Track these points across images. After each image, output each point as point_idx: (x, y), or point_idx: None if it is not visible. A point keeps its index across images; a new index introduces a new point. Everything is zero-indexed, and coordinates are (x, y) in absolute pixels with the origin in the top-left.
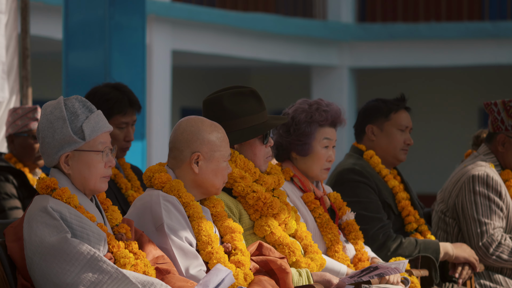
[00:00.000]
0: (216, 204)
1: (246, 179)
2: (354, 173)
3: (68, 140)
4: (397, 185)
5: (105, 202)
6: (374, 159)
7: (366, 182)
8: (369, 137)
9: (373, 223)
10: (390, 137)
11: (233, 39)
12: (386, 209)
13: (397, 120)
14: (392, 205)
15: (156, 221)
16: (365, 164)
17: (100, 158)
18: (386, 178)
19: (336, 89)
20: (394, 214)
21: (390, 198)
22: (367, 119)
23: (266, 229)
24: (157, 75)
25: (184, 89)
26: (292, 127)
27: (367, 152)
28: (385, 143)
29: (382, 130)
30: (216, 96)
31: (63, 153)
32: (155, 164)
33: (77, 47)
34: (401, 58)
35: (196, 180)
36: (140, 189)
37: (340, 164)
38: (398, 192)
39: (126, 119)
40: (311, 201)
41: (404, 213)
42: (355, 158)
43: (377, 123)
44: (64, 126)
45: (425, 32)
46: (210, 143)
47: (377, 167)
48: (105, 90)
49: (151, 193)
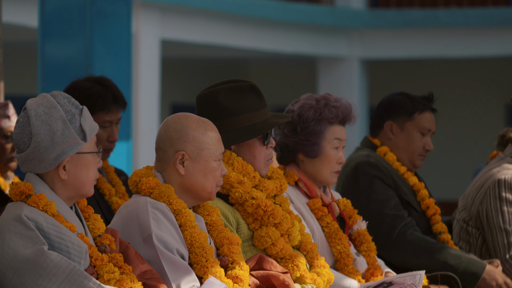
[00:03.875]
0: (211, 212)
1: (244, 184)
2: (370, 166)
3: (72, 143)
4: (417, 182)
5: (86, 210)
6: (388, 156)
7: (382, 177)
8: (386, 134)
9: (395, 222)
10: (410, 139)
11: (229, 27)
12: (405, 207)
13: (421, 122)
14: (413, 202)
15: (144, 231)
16: (379, 157)
17: (96, 159)
18: (405, 175)
19: (345, 83)
20: (416, 212)
21: (411, 195)
22: (388, 114)
23: (267, 240)
24: (145, 67)
25: (175, 83)
26: (299, 126)
27: (380, 148)
28: (403, 144)
29: (402, 130)
30: (210, 91)
31: (65, 157)
32: (142, 167)
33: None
34: (418, 48)
35: (183, 183)
36: (125, 195)
37: (351, 158)
38: (420, 189)
39: (109, 117)
40: (318, 208)
41: (430, 212)
42: (368, 151)
43: (398, 121)
44: (65, 128)
45: (445, 19)
46: (196, 140)
47: (393, 165)
48: (86, 85)
49: (138, 200)
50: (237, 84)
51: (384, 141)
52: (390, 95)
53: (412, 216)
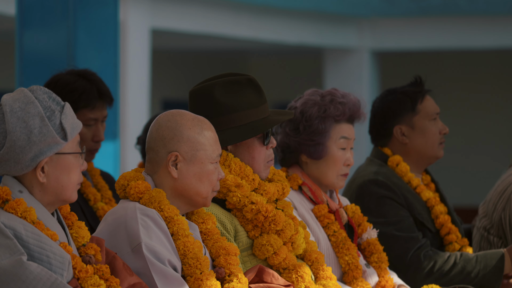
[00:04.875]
0: (206, 219)
1: (242, 187)
2: (378, 186)
3: (50, 142)
4: (432, 196)
5: (69, 216)
6: (401, 166)
7: (392, 197)
8: (400, 141)
9: (409, 244)
10: (425, 133)
11: (227, 15)
12: (419, 228)
13: (427, 110)
14: (427, 222)
15: (132, 240)
16: (390, 172)
17: (78, 161)
18: (418, 189)
19: (355, 77)
20: (431, 232)
21: (425, 213)
22: (391, 119)
23: (269, 249)
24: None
25: (167, 77)
26: (302, 124)
27: (392, 158)
28: (421, 142)
29: (414, 128)
30: (205, 86)
31: (43, 158)
32: (131, 170)
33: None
34: (435, 38)
35: (176, 187)
36: (112, 201)
37: (358, 174)
38: (435, 205)
39: (94, 114)
40: (324, 215)
41: (444, 231)
42: (377, 165)
43: (405, 121)
44: (43, 125)
45: (464, 7)
46: (191, 140)
47: (405, 177)
48: (69, 79)
49: (126, 206)
50: (235, 78)
51: (399, 148)
52: (381, 100)
53: (427, 237)
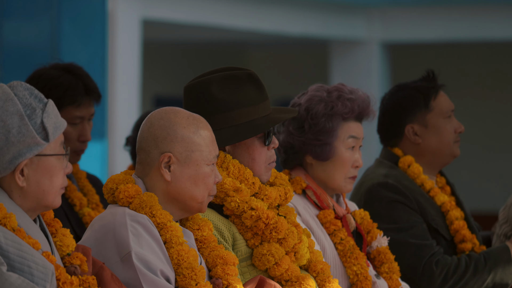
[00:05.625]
0: (202, 226)
1: (241, 192)
2: (388, 189)
3: (30, 143)
4: (447, 200)
5: (53, 223)
6: (413, 168)
7: (403, 201)
8: (412, 141)
9: (422, 252)
10: (440, 131)
11: (224, 4)
12: (433, 235)
13: (440, 107)
14: (442, 228)
15: (121, 249)
16: (401, 175)
17: (62, 163)
18: (431, 193)
19: (363, 71)
20: (445, 240)
21: (439, 219)
22: (402, 117)
23: (270, 259)
24: (123, 52)
25: (159, 71)
26: (307, 122)
27: (403, 159)
28: (435, 142)
29: (427, 127)
30: (201, 81)
31: (22, 160)
32: (120, 172)
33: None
34: (450, 29)
35: (169, 191)
36: (99, 206)
37: (367, 176)
38: (450, 210)
39: (81, 112)
40: (330, 221)
41: (458, 238)
42: (387, 167)
43: (418, 119)
44: (22, 125)
45: None
46: (186, 140)
47: (417, 179)
48: (53, 74)
49: (115, 212)
50: (233, 73)
51: (408, 150)
52: (390, 96)
53: (441, 245)
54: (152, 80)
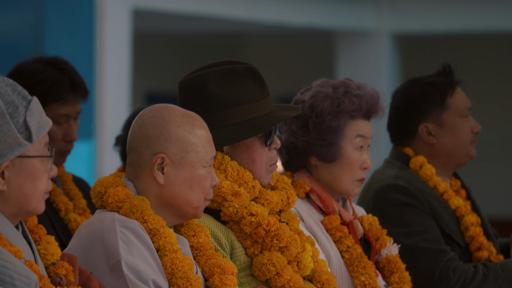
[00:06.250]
0: (197, 232)
1: (240, 196)
2: (398, 191)
3: (11, 143)
4: (462, 204)
5: (37, 230)
6: (425, 169)
7: (415, 204)
8: (425, 141)
9: (438, 258)
10: (456, 131)
11: None
12: (446, 241)
13: (457, 105)
14: (456, 235)
15: (110, 257)
16: (412, 176)
17: (46, 165)
18: (445, 196)
19: (372, 64)
20: (459, 247)
21: (453, 224)
22: (416, 115)
23: (270, 269)
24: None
25: (151, 65)
26: (311, 121)
27: (415, 159)
28: (450, 142)
29: (443, 126)
30: (197, 76)
31: (3, 161)
32: (109, 175)
33: None
34: (466, 19)
35: (162, 195)
36: (86, 211)
37: (375, 178)
38: (465, 215)
39: (66, 109)
40: (336, 227)
41: (474, 246)
42: (397, 168)
43: (433, 117)
44: (3, 123)
45: None
46: (180, 140)
47: (430, 181)
48: (36, 68)
49: (103, 217)
50: (232, 67)
51: (421, 150)
52: (401, 93)
53: (455, 253)
54: (144, 75)
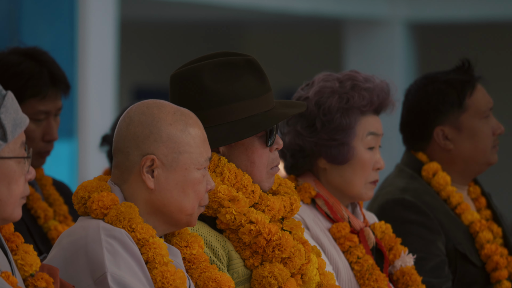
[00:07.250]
0: (191, 243)
1: (238, 202)
2: (404, 207)
3: None
4: (476, 219)
5: (13, 239)
6: (438, 178)
7: (422, 222)
8: (441, 146)
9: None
10: (475, 135)
11: None
12: (459, 261)
13: (477, 105)
14: (471, 254)
15: (95, 270)
16: (422, 188)
17: (23, 168)
18: (458, 210)
19: (384, 55)
20: (474, 267)
21: (468, 241)
22: (431, 118)
23: (272, 282)
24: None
25: (139, 57)
26: (319, 119)
27: (427, 166)
28: (469, 148)
29: (461, 129)
30: (191, 69)
31: None
32: (93, 178)
33: None
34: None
35: (152, 201)
36: (68, 218)
37: (383, 189)
38: (479, 232)
39: (46, 105)
40: (345, 236)
41: (490, 266)
42: (407, 178)
43: (450, 120)
44: None
45: None
46: (172, 139)
47: (443, 191)
48: (13, 60)
49: (87, 225)
50: (229, 59)
51: (436, 156)
52: (415, 91)
53: (470, 273)
54: (131, 68)
